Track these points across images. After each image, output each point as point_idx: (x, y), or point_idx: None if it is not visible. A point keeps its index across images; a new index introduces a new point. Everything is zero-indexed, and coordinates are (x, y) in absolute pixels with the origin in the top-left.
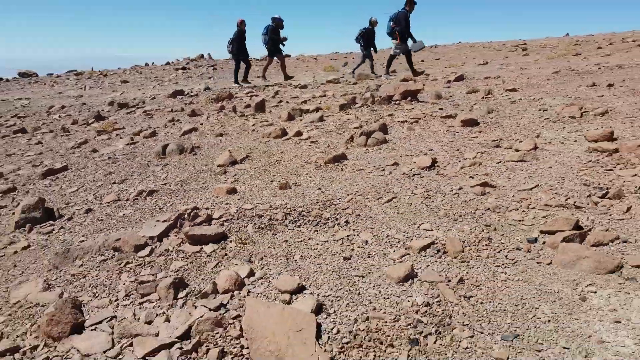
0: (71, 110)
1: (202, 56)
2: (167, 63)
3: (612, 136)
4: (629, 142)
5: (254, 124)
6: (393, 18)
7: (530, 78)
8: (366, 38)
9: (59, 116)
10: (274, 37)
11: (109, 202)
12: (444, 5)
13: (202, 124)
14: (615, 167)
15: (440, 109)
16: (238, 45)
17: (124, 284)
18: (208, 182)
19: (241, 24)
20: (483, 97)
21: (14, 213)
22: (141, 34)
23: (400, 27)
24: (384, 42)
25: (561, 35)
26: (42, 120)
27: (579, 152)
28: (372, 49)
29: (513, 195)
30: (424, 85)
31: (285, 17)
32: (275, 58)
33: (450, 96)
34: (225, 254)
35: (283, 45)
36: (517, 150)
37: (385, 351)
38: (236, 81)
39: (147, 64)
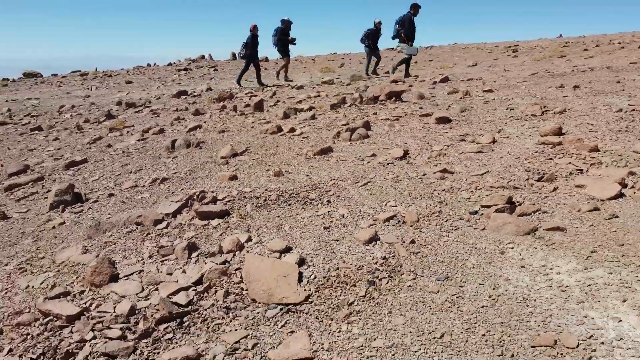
0: (81, 109)
1: (203, 57)
2: (170, 64)
3: (560, 131)
4: (571, 136)
5: (252, 122)
6: (399, 21)
7: (509, 79)
8: (371, 38)
9: (71, 115)
10: (282, 38)
11: (127, 188)
12: (444, 5)
13: (205, 121)
14: (555, 157)
15: (420, 108)
16: (251, 49)
17: (147, 249)
18: (213, 171)
19: (254, 29)
20: (461, 98)
21: (46, 197)
22: (141, 34)
23: (405, 30)
24: (386, 43)
25: (555, 36)
26: (54, 119)
27: (529, 144)
28: (368, 49)
29: (466, 179)
30: (410, 86)
31: (284, 17)
32: (281, 57)
33: (432, 96)
34: (228, 226)
35: (294, 44)
36: (477, 143)
37: (349, 289)
38: (238, 82)
39: (149, 65)
